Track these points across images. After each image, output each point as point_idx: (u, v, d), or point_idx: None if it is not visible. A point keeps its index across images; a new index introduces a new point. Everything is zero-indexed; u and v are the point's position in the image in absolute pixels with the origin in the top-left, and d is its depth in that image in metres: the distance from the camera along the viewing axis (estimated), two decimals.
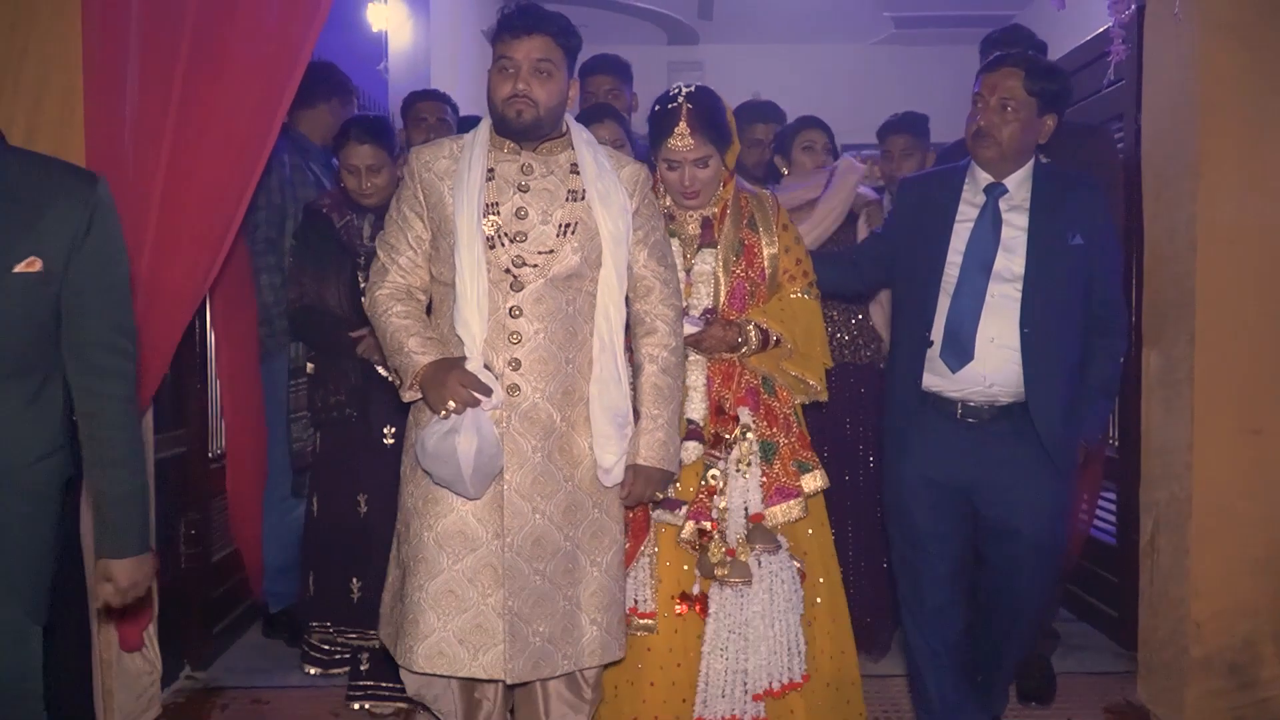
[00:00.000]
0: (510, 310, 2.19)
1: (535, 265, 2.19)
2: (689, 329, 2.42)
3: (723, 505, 2.43)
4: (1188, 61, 2.85)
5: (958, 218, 2.55)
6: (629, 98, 3.66)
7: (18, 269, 1.74)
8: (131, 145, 2.57)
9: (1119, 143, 3.43)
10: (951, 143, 3.32)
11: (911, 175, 3.04)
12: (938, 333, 2.52)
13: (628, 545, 2.41)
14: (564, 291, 2.22)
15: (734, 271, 2.54)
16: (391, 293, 2.28)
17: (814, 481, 2.54)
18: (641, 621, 2.47)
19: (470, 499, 2.18)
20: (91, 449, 1.85)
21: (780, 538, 2.46)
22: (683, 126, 2.43)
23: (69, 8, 2.52)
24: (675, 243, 2.50)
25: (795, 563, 2.48)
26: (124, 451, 1.87)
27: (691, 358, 2.48)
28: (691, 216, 2.57)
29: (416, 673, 2.21)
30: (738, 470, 2.45)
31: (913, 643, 2.67)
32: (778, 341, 2.51)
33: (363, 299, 2.39)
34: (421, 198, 2.27)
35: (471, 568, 2.18)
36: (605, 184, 2.24)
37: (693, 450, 2.46)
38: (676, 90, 2.50)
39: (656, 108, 2.53)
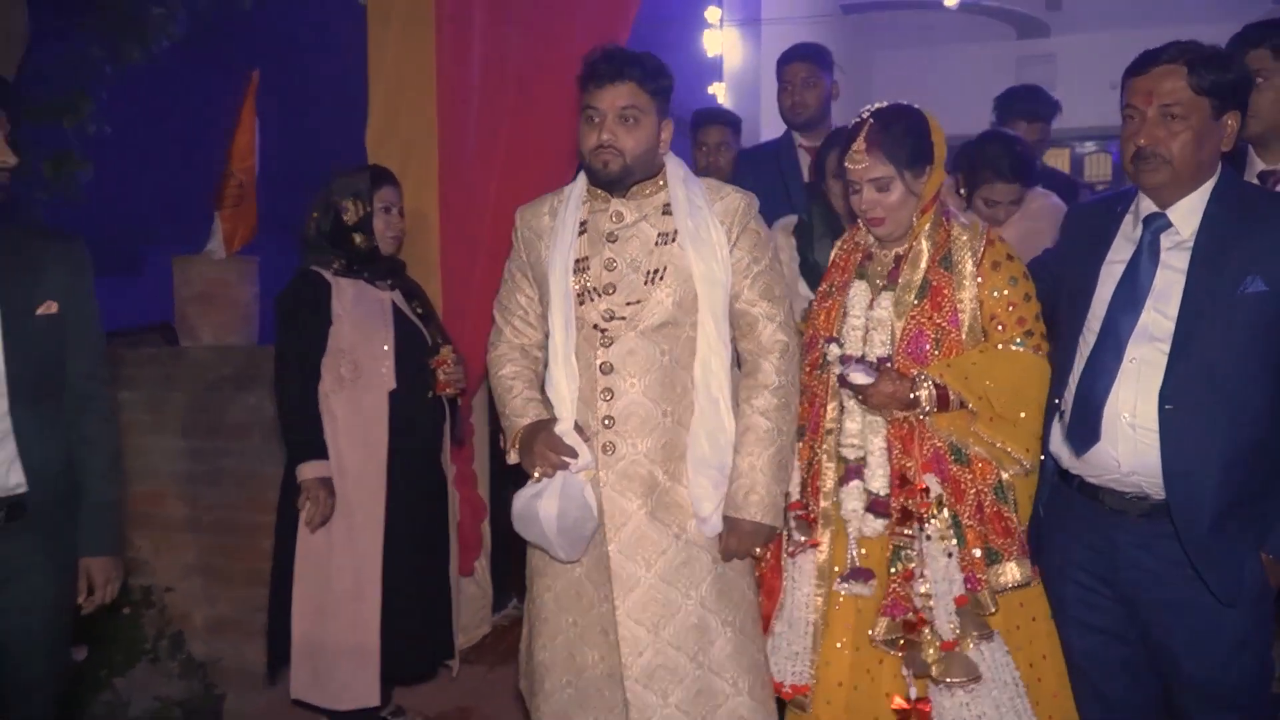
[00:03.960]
0: (601, 366, 2.12)
1: (624, 318, 2.11)
2: (858, 379, 2.11)
3: (924, 590, 2.09)
4: None
5: (1109, 257, 2.07)
6: (828, 85, 3.51)
7: (39, 311, 2.13)
8: (473, 154, 3.14)
9: None
10: None
11: (1081, 202, 2.57)
12: (1068, 402, 2.08)
13: (762, 604, 2.23)
14: (658, 342, 2.11)
15: (912, 316, 2.17)
16: (504, 353, 2.28)
17: (1007, 575, 2.10)
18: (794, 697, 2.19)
19: (563, 561, 2.14)
20: (78, 463, 2.21)
21: (992, 629, 2.09)
22: (860, 143, 2.16)
23: (426, 44, 3.14)
24: (862, 285, 2.23)
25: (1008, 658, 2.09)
26: (102, 465, 2.25)
27: (869, 419, 2.18)
28: (888, 255, 2.25)
29: None
30: (940, 548, 2.09)
31: None
32: (962, 403, 2.11)
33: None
34: (524, 257, 2.25)
35: (588, 630, 2.14)
36: (696, 221, 2.12)
37: (872, 524, 2.15)
38: (867, 108, 2.25)
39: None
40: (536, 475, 2.11)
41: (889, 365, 2.15)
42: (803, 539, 2.23)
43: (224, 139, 4.14)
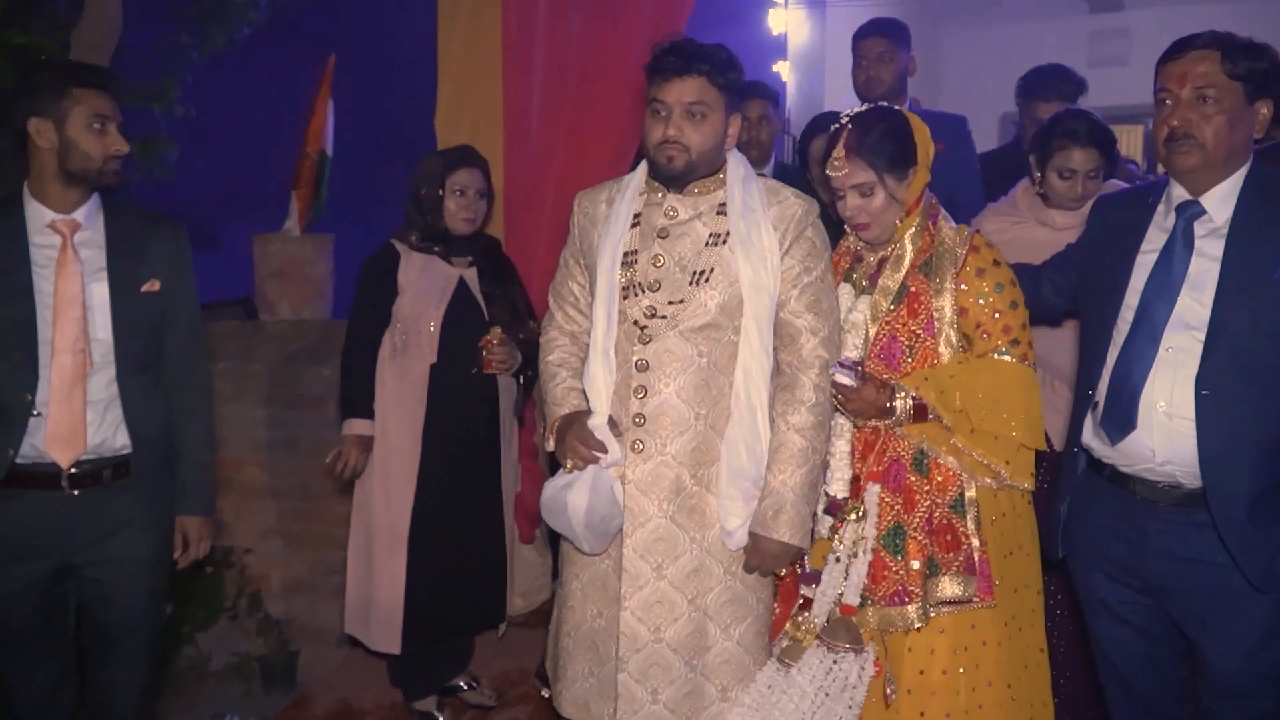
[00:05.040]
0: (637, 363, 2.08)
1: (665, 316, 2.07)
2: (842, 379, 2.04)
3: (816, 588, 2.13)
4: None
5: (1143, 247, 2.05)
6: (904, 61, 3.42)
7: (144, 289, 2.29)
8: (537, 138, 3.24)
9: None
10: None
11: (1108, 193, 2.46)
12: (1101, 392, 2.06)
13: (778, 610, 2.23)
14: (697, 344, 2.07)
15: (886, 321, 2.13)
16: (553, 338, 2.27)
17: (946, 589, 2.04)
18: None
19: (588, 554, 2.15)
20: (176, 429, 2.39)
21: (870, 646, 2.06)
22: (839, 150, 2.12)
23: (493, 30, 3.25)
24: (847, 288, 2.21)
25: (888, 686, 2.06)
26: (199, 432, 2.42)
27: (837, 421, 2.14)
28: (873, 258, 2.21)
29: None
30: (845, 552, 2.09)
31: None
32: (937, 416, 2.06)
33: None
34: (579, 244, 2.23)
35: (612, 623, 2.13)
36: (749, 224, 2.06)
37: (827, 526, 2.14)
38: (847, 112, 2.20)
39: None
40: (568, 466, 2.11)
41: (860, 369, 2.10)
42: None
43: (301, 121, 4.31)
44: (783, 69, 6.15)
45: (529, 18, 3.25)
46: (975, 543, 2.08)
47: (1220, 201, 1.98)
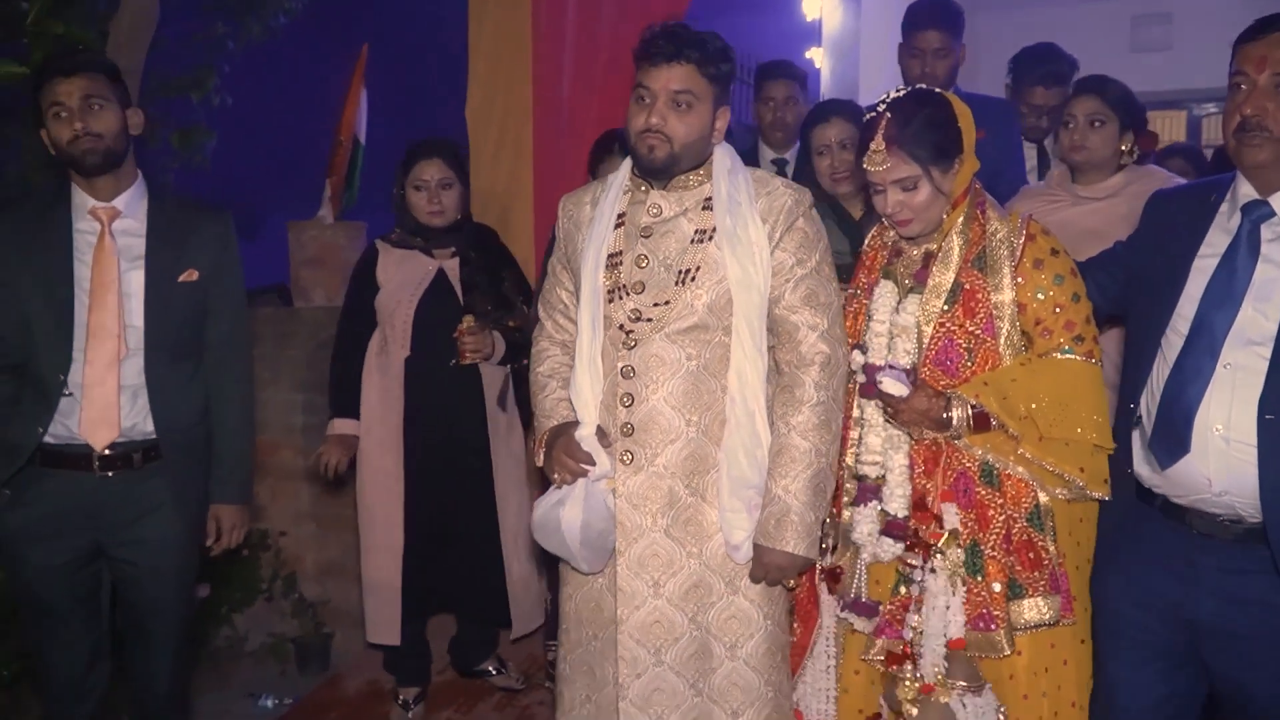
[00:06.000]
0: (623, 370, 1.98)
1: (650, 319, 1.97)
2: (892, 389, 1.90)
3: (915, 624, 1.92)
4: None
5: (1202, 250, 1.84)
6: (958, 53, 3.25)
7: (181, 279, 2.32)
8: (566, 128, 3.26)
9: None
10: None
11: (1167, 188, 2.26)
12: (1148, 409, 1.85)
13: (796, 631, 2.10)
14: (685, 346, 1.96)
15: (941, 323, 1.97)
16: (544, 348, 2.18)
17: (1031, 612, 1.90)
18: None
19: (584, 573, 2.04)
20: (214, 417, 2.41)
21: (984, 681, 1.91)
22: (878, 142, 1.94)
23: (522, 20, 3.27)
24: (889, 286, 2.04)
25: (1000, 714, 1.92)
26: (236, 422, 2.43)
27: (891, 433, 1.99)
28: (916, 252, 2.05)
29: None
30: (945, 584, 1.91)
31: None
32: (1001, 425, 1.89)
33: None
34: (564, 249, 2.13)
35: (608, 645, 2.03)
36: (735, 218, 1.95)
37: (888, 548, 1.97)
38: (883, 97, 2.03)
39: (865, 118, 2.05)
40: (557, 481, 2.01)
41: (913, 375, 1.96)
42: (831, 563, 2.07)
43: (336, 110, 4.36)
44: (816, 55, 6.09)
45: (559, 8, 3.26)
46: (1055, 557, 1.93)
47: None
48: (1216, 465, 1.74)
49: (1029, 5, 7.77)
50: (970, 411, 1.89)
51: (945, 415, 1.90)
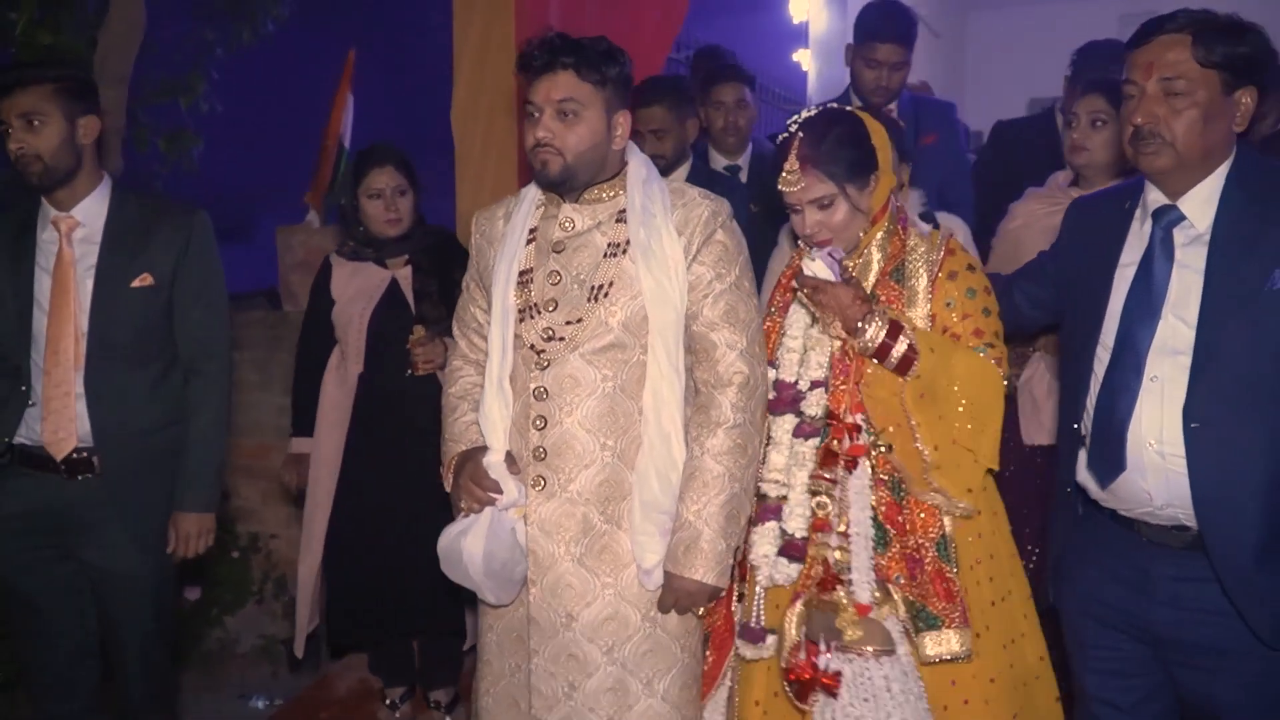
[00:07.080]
0: (535, 392, 1.90)
1: (563, 338, 1.89)
2: (819, 269, 1.87)
3: (838, 543, 1.86)
4: None
5: (1123, 259, 1.81)
6: (910, 63, 3.22)
7: (134, 284, 2.29)
8: None
9: None
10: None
11: (1087, 195, 2.21)
12: (1087, 428, 1.82)
13: (709, 659, 2.03)
14: (600, 366, 1.89)
15: None
16: (457, 368, 2.10)
17: (944, 645, 1.83)
18: None
19: (493, 606, 1.97)
20: (185, 426, 2.37)
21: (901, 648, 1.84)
22: (791, 162, 1.91)
23: (506, 22, 3.30)
24: (803, 311, 2.01)
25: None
26: (203, 428, 2.38)
27: (795, 450, 1.94)
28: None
29: None
30: (864, 500, 1.86)
31: None
32: (912, 349, 1.85)
33: None
34: (477, 266, 2.06)
35: (527, 677, 1.95)
36: (649, 231, 1.87)
37: (786, 571, 1.90)
38: (794, 118, 1.99)
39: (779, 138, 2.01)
40: (463, 509, 1.95)
41: (822, 388, 1.93)
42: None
43: (324, 115, 4.38)
44: (803, 58, 6.13)
45: (541, 12, 3.29)
46: (961, 589, 1.87)
47: (1201, 205, 1.74)
48: (1155, 480, 1.72)
49: (1018, 4, 7.82)
50: (884, 331, 1.85)
51: (861, 324, 1.85)
